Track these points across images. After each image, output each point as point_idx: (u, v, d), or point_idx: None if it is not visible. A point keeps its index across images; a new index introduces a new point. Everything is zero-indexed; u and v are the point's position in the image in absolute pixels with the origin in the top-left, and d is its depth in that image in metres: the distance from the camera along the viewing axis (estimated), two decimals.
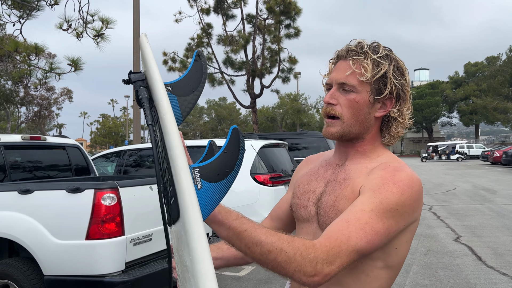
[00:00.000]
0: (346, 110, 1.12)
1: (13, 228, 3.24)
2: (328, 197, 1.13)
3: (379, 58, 1.10)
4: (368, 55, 1.10)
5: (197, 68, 1.00)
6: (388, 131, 1.17)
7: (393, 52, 1.16)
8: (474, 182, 16.52)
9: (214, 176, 0.89)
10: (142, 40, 0.89)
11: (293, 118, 43.75)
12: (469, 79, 54.97)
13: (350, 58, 1.12)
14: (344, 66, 1.13)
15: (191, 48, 19.09)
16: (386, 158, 1.16)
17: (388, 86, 1.11)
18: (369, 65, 1.09)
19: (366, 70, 1.09)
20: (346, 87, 1.12)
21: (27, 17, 6.40)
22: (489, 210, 9.55)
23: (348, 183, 1.11)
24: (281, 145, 6.74)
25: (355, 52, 1.12)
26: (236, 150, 0.91)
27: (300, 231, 1.23)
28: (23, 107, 36.47)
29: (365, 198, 1.01)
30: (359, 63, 1.11)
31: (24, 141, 4.39)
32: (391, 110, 1.14)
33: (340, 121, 1.13)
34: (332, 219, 1.07)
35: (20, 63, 7.02)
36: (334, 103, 1.13)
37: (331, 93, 1.14)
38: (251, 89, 18.80)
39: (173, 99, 0.97)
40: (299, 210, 1.22)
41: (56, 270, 3.14)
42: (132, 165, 6.68)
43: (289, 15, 18.47)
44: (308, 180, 1.24)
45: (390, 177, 1.04)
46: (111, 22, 6.44)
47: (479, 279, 4.73)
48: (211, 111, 64.84)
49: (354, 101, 1.11)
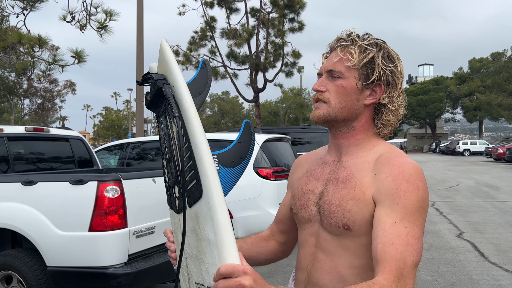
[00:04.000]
0: (334, 95, 1.13)
1: (16, 219, 3.25)
2: (331, 196, 1.11)
3: (366, 45, 1.11)
4: (355, 42, 1.12)
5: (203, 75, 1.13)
6: (380, 120, 1.15)
7: (386, 44, 1.16)
8: (477, 178, 16.47)
9: (230, 162, 1.03)
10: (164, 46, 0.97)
11: (296, 112, 43.69)
12: (474, 75, 54.64)
13: (338, 46, 1.14)
14: (333, 55, 1.15)
15: (195, 41, 19.04)
16: (382, 148, 1.14)
17: (376, 71, 1.10)
18: (355, 51, 1.10)
19: (352, 56, 1.10)
20: (334, 73, 1.13)
21: (30, 8, 6.38)
22: (492, 206, 9.52)
23: (354, 183, 1.09)
24: (284, 139, 6.73)
25: (343, 40, 1.14)
26: (248, 140, 1.06)
27: (302, 233, 1.21)
28: (26, 99, 36.54)
29: (388, 208, 1.02)
30: (346, 50, 1.12)
31: (28, 132, 4.39)
32: (380, 97, 1.12)
33: (327, 104, 1.14)
34: (339, 218, 1.07)
35: (23, 55, 7.02)
36: (323, 90, 1.14)
37: (320, 81, 1.16)
38: (254, 83, 18.75)
39: None
40: (300, 211, 1.20)
41: (59, 261, 3.15)
42: (135, 158, 6.69)
43: (293, 9, 18.37)
44: (306, 181, 1.22)
45: (399, 174, 1.04)
46: (115, 14, 6.41)
47: (482, 275, 4.72)
48: (214, 105, 64.77)
49: (342, 87, 1.12)
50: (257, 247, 1.33)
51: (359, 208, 1.06)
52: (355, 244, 1.09)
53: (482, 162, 28.64)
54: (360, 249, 1.09)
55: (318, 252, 1.15)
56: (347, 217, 1.07)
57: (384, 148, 1.14)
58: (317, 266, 1.14)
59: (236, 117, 59.96)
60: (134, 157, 6.70)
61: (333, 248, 1.11)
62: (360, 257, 1.09)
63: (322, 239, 1.14)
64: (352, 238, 1.09)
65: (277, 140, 6.45)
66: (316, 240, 1.15)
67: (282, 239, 1.37)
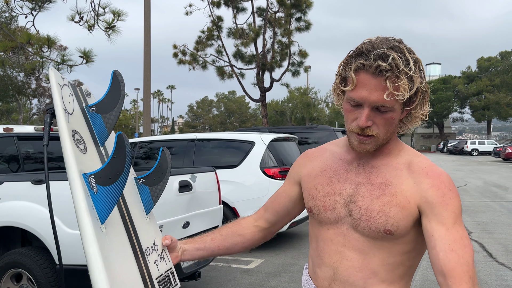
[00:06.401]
0: (382, 128, 1.11)
1: (26, 218, 3.29)
2: (370, 202, 1.13)
3: (413, 73, 1.04)
4: (403, 72, 1.03)
5: (115, 87, 1.16)
6: (406, 124, 1.17)
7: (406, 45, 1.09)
8: (485, 178, 16.35)
9: (107, 180, 1.00)
10: (50, 75, 1.09)
11: (302, 112, 43.62)
12: (482, 74, 54.17)
13: (384, 77, 1.03)
14: (377, 85, 1.04)
15: (201, 41, 19.07)
16: (407, 153, 1.19)
17: (418, 96, 1.09)
18: (406, 84, 1.03)
19: (404, 90, 1.04)
20: (383, 108, 1.07)
21: (39, 9, 6.44)
22: (500, 206, 9.45)
23: (394, 190, 1.12)
24: (291, 139, 6.72)
25: (390, 72, 1.03)
26: (123, 154, 1.02)
27: (326, 232, 1.21)
28: (35, 99, 36.82)
29: (439, 215, 1.08)
30: (396, 82, 1.03)
31: (37, 132, 4.43)
32: (413, 109, 1.12)
33: (376, 138, 1.12)
34: (381, 224, 1.11)
35: (32, 55, 7.08)
36: (370, 124, 1.10)
37: (367, 116, 1.08)
38: (261, 83, 18.75)
39: (97, 117, 1.17)
40: (325, 213, 1.20)
41: (68, 260, 3.18)
42: (142, 157, 6.73)
43: (300, 8, 18.34)
44: (327, 181, 1.22)
45: (441, 184, 1.10)
46: (122, 14, 6.45)
47: (490, 275, 4.70)
48: (221, 105, 64.86)
49: (391, 119, 1.10)
50: (232, 237, 1.37)
51: (404, 215, 1.10)
52: (392, 244, 1.13)
53: (491, 162, 28.40)
54: (395, 247, 1.13)
55: (347, 251, 1.17)
56: (390, 223, 1.10)
57: (410, 154, 1.18)
58: (347, 264, 1.16)
59: (243, 116, 59.97)
60: (142, 157, 6.74)
61: (367, 248, 1.14)
62: (394, 255, 1.14)
63: (353, 239, 1.16)
64: (390, 240, 1.13)
65: (284, 140, 6.45)
66: (344, 240, 1.17)
67: (268, 226, 1.39)
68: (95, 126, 1.20)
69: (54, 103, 1.04)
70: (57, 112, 1.03)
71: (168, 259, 1.29)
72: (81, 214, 0.92)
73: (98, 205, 0.98)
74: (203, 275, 4.77)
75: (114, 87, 1.16)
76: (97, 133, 1.20)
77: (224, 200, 5.57)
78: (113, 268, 0.95)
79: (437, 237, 1.06)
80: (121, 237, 1.07)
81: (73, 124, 1.08)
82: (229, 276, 4.77)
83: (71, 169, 0.97)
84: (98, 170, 1.01)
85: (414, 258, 1.17)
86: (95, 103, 1.17)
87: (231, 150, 6.10)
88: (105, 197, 0.99)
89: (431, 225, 1.08)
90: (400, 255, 1.14)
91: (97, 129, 1.19)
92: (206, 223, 4.19)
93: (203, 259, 1.39)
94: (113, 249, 1.00)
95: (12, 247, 3.73)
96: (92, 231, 0.92)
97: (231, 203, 5.69)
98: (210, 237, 1.36)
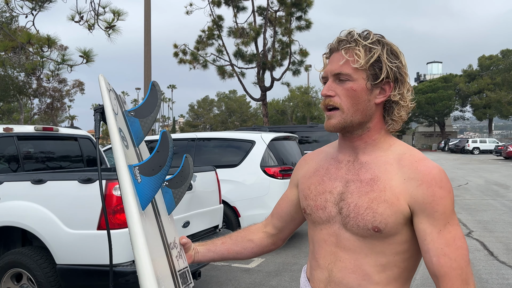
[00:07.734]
0: (345, 100, 1.12)
1: (26, 218, 3.29)
2: (358, 198, 1.11)
3: (370, 44, 1.10)
4: (359, 42, 1.10)
5: (153, 95, 1.30)
6: (390, 116, 1.16)
7: (385, 38, 1.15)
8: (486, 177, 16.32)
9: (150, 171, 1.14)
10: (99, 80, 1.22)
11: (303, 111, 43.62)
12: (483, 72, 54.08)
13: (342, 48, 1.12)
14: (337, 57, 1.13)
15: (202, 40, 19.06)
16: (399, 147, 1.16)
17: (383, 70, 1.10)
18: (361, 51, 1.09)
19: (359, 57, 1.09)
20: (341, 76, 1.11)
21: (39, 9, 6.43)
22: (501, 205, 9.44)
23: (383, 186, 1.10)
24: (292, 138, 6.72)
25: (346, 42, 1.12)
26: (166, 149, 1.16)
27: (319, 233, 1.21)
28: (35, 99, 36.86)
29: (429, 217, 1.07)
30: (351, 51, 1.10)
31: (37, 132, 4.43)
32: (391, 94, 1.13)
33: (340, 111, 1.12)
34: (369, 221, 1.09)
35: (32, 55, 7.08)
36: (332, 94, 1.13)
37: (328, 85, 1.14)
38: (262, 82, 18.74)
39: (135, 121, 1.32)
40: (316, 212, 1.20)
41: (68, 259, 3.18)
42: None
43: (301, 7, 18.31)
44: (319, 181, 1.21)
45: (432, 180, 1.07)
46: (122, 14, 6.44)
47: (491, 274, 4.69)
48: (221, 104, 64.83)
49: (352, 89, 1.11)
50: (242, 242, 1.39)
51: (393, 211, 1.08)
52: (382, 244, 1.11)
53: (492, 161, 28.36)
54: (386, 247, 1.11)
55: (339, 252, 1.15)
56: (378, 220, 1.08)
57: (401, 148, 1.15)
58: (340, 266, 1.15)
59: (244, 115, 59.97)
60: None
61: (358, 248, 1.12)
62: (386, 255, 1.11)
63: (344, 239, 1.14)
64: (380, 239, 1.10)
65: (284, 139, 6.45)
66: (337, 240, 1.16)
67: (275, 232, 1.40)
68: (133, 129, 1.34)
69: (105, 103, 1.19)
70: (108, 111, 1.17)
71: (185, 258, 1.33)
72: (127, 198, 1.05)
73: (140, 193, 1.11)
74: (204, 274, 4.77)
75: (152, 95, 1.30)
76: (134, 135, 1.34)
77: (225, 199, 5.57)
78: (150, 247, 1.06)
79: (429, 240, 1.06)
80: (154, 226, 1.19)
81: (118, 123, 1.21)
82: (229, 275, 4.77)
83: (119, 160, 1.09)
84: (143, 162, 1.15)
85: (408, 260, 1.13)
86: (133, 108, 1.34)
87: (232, 149, 6.10)
88: (147, 186, 1.12)
89: (423, 227, 1.07)
90: (393, 256, 1.11)
91: (134, 131, 1.34)
92: (206, 223, 4.19)
93: (214, 261, 1.43)
94: (149, 234, 1.11)
95: (12, 247, 3.74)
96: (137, 212, 1.04)
97: (231, 202, 5.69)
98: (221, 240, 1.39)
